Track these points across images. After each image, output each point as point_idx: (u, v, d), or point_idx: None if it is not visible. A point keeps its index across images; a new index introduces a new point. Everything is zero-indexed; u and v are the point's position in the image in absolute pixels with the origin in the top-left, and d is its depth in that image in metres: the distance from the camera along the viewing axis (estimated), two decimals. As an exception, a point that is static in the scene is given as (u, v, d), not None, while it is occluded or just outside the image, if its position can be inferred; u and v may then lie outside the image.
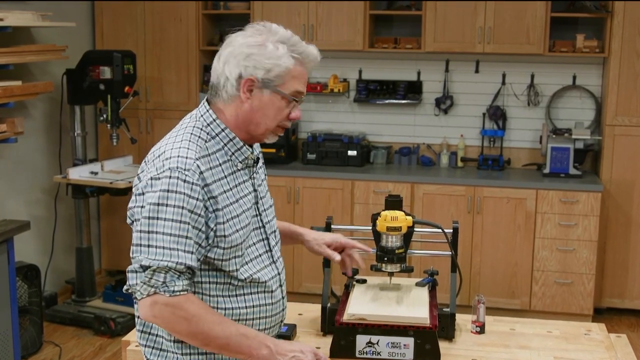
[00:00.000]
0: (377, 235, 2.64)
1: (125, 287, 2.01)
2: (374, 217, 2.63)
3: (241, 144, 2.11)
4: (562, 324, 2.87)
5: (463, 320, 2.78)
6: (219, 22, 6.34)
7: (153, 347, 2.15)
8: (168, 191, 1.94)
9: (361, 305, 2.56)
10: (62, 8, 5.68)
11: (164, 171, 1.96)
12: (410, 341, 2.44)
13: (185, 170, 1.95)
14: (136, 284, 1.95)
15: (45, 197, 5.65)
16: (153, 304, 1.94)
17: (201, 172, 1.99)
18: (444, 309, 2.64)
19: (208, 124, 2.08)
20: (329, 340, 2.53)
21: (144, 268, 1.93)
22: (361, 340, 2.46)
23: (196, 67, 6.07)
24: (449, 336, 2.64)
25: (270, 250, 2.25)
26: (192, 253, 1.96)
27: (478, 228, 5.53)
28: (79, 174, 5.36)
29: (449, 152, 6.04)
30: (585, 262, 5.42)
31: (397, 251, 2.59)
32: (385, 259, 2.60)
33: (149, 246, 1.93)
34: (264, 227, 2.24)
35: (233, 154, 2.10)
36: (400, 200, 2.65)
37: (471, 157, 6.05)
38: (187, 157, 1.98)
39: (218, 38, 6.18)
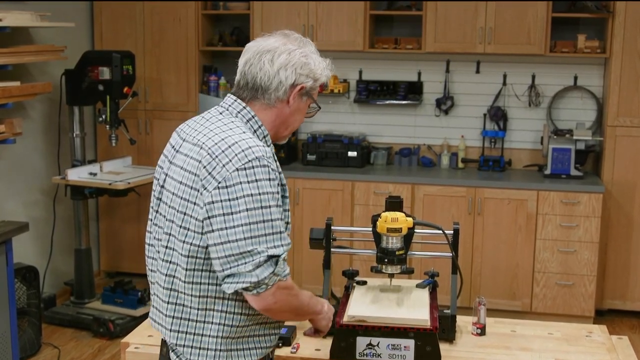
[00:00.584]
0: (377, 237, 2.65)
1: (243, 286, 1.96)
2: (374, 219, 2.64)
3: (271, 141, 2.20)
4: (563, 325, 2.87)
5: (464, 321, 2.79)
6: (219, 23, 6.32)
7: (192, 347, 2.11)
8: (262, 180, 1.98)
9: (361, 306, 2.57)
10: (61, 8, 5.68)
11: (249, 161, 1.98)
12: (410, 343, 2.44)
13: (268, 158, 2.02)
14: (267, 276, 1.95)
15: (44, 198, 5.64)
16: (276, 290, 1.98)
17: (276, 163, 2.09)
18: (444, 311, 2.65)
19: (247, 120, 2.14)
20: (329, 342, 2.53)
21: (272, 257, 1.95)
22: (361, 342, 2.46)
23: (195, 67, 6.06)
24: (450, 338, 2.65)
25: None
26: (287, 231, 2.08)
27: (479, 229, 5.52)
28: (77, 175, 5.35)
29: (449, 153, 6.03)
30: (587, 263, 5.41)
31: (397, 252, 2.59)
32: (386, 260, 2.60)
33: (265, 235, 1.95)
34: None
35: (272, 150, 2.17)
36: (400, 201, 2.65)
37: (472, 158, 6.03)
38: (263, 146, 2.05)
39: (217, 38, 6.17)
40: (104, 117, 5.39)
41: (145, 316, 4.53)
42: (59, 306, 5.56)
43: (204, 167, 2.00)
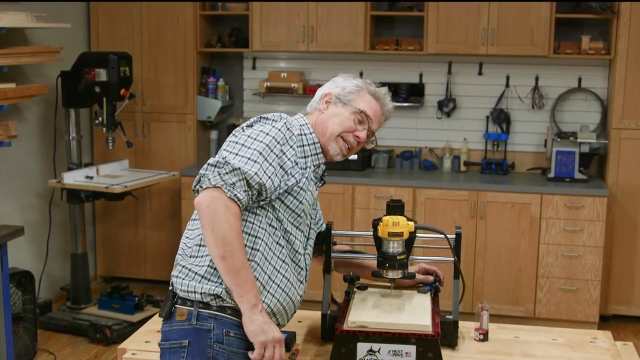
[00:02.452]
0: (378, 241, 2.64)
1: (194, 183, 2.29)
2: (375, 223, 2.63)
3: (324, 159, 2.50)
4: (567, 331, 2.86)
5: (466, 327, 2.78)
6: (217, 24, 6.31)
7: (184, 279, 2.35)
8: (273, 127, 2.35)
9: (362, 312, 2.58)
10: (57, 9, 5.67)
11: (275, 117, 2.42)
12: (412, 349, 2.44)
13: (292, 126, 2.42)
14: (211, 172, 2.23)
15: (40, 202, 5.63)
16: (215, 196, 2.20)
17: (292, 134, 2.41)
18: (446, 316, 2.64)
19: (310, 132, 2.49)
20: (329, 348, 2.53)
21: (225, 164, 2.23)
22: (362, 348, 2.46)
23: (193, 69, 6.04)
24: (452, 344, 2.64)
25: (306, 247, 2.53)
26: (268, 177, 2.27)
27: (481, 233, 5.50)
28: (74, 178, 5.34)
29: (451, 156, 6.02)
30: (591, 268, 5.39)
31: (398, 257, 2.58)
32: (387, 265, 2.59)
33: (237, 154, 2.27)
34: (308, 235, 2.54)
35: (317, 166, 2.49)
36: (402, 205, 2.65)
37: (474, 161, 6.02)
38: (282, 115, 2.46)
39: (216, 39, 6.16)
40: (100, 119, 5.40)
41: (142, 322, 4.49)
42: (54, 311, 5.54)
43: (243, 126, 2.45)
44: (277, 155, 2.31)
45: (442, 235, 2.68)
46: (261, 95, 6.19)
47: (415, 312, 2.57)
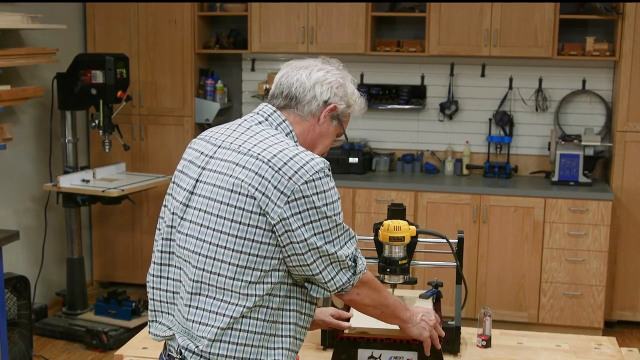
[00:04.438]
0: (379, 246, 2.65)
1: (334, 288, 2.10)
2: (376, 227, 2.63)
3: None
4: (571, 337, 2.87)
5: (468, 333, 2.79)
6: (215, 24, 6.30)
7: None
8: (329, 190, 2.07)
9: (363, 318, 2.55)
10: (53, 10, 5.67)
11: (316, 172, 2.04)
12: (413, 355, 2.45)
13: (329, 169, 2.11)
14: (352, 274, 2.10)
15: (35, 206, 5.62)
16: (360, 285, 2.14)
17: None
18: (448, 322, 2.64)
19: (287, 134, 2.17)
20: (329, 354, 2.54)
21: (349, 257, 2.09)
22: (363, 354, 2.47)
23: (191, 70, 6.03)
24: (454, 350, 2.64)
25: None
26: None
27: (484, 238, 5.48)
28: (70, 182, 5.33)
29: (453, 159, 6.00)
30: (596, 273, 5.37)
31: (400, 262, 2.59)
32: (388, 270, 2.60)
33: (338, 237, 2.07)
34: None
35: None
36: (403, 209, 2.66)
37: (477, 164, 6.00)
38: (320, 157, 2.12)
39: (214, 41, 6.15)
40: (97, 122, 5.39)
41: (139, 327, 4.47)
42: (50, 317, 5.53)
43: (265, 178, 2.03)
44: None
45: (444, 240, 2.67)
46: (260, 98, 6.16)
47: None
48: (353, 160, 5.82)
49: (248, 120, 2.18)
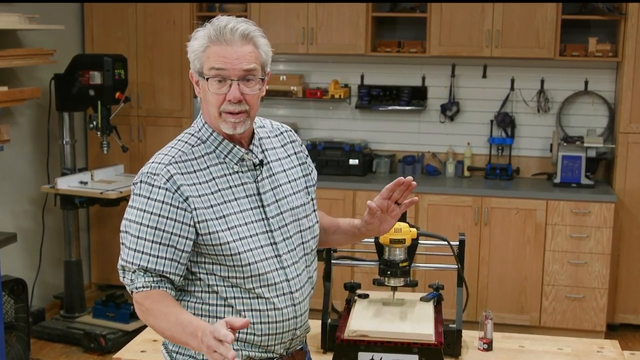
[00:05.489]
0: (380, 248, 2.67)
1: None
2: None
3: (231, 145, 2.17)
4: (573, 340, 2.89)
5: (470, 336, 2.81)
6: (215, 25, 6.21)
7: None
8: (138, 195, 2.09)
9: (363, 321, 2.61)
10: (50, 10, 5.67)
11: (138, 176, 2.12)
12: (414, 359, 2.47)
13: (154, 174, 2.08)
14: (127, 283, 2.12)
15: (33, 208, 5.62)
16: (134, 301, 2.12)
17: (171, 176, 2.08)
18: (449, 325, 2.66)
19: (199, 129, 2.19)
20: (329, 357, 2.56)
21: (121, 268, 2.12)
22: (363, 357, 2.48)
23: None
24: (455, 353, 2.65)
25: (279, 256, 2.19)
26: (163, 258, 2.06)
27: (485, 240, 5.47)
28: (67, 183, 5.34)
29: (455, 160, 5.99)
30: (598, 276, 5.36)
31: (401, 264, 2.61)
32: (389, 272, 2.62)
33: (122, 244, 2.11)
34: (272, 231, 2.20)
35: (226, 156, 2.17)
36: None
37: (478, 166, 5.99)
38: (159, 163, 2.10)
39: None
40: (95, 123, 5.40)
41: (137, 331, 4.44)
42: (48, 320, 5.53)
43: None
44: (159, 229, 2.07)
45: (445, 242, 2.70)
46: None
47: (417, 321, 2.59)
48: (353, 162, 5.81)
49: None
